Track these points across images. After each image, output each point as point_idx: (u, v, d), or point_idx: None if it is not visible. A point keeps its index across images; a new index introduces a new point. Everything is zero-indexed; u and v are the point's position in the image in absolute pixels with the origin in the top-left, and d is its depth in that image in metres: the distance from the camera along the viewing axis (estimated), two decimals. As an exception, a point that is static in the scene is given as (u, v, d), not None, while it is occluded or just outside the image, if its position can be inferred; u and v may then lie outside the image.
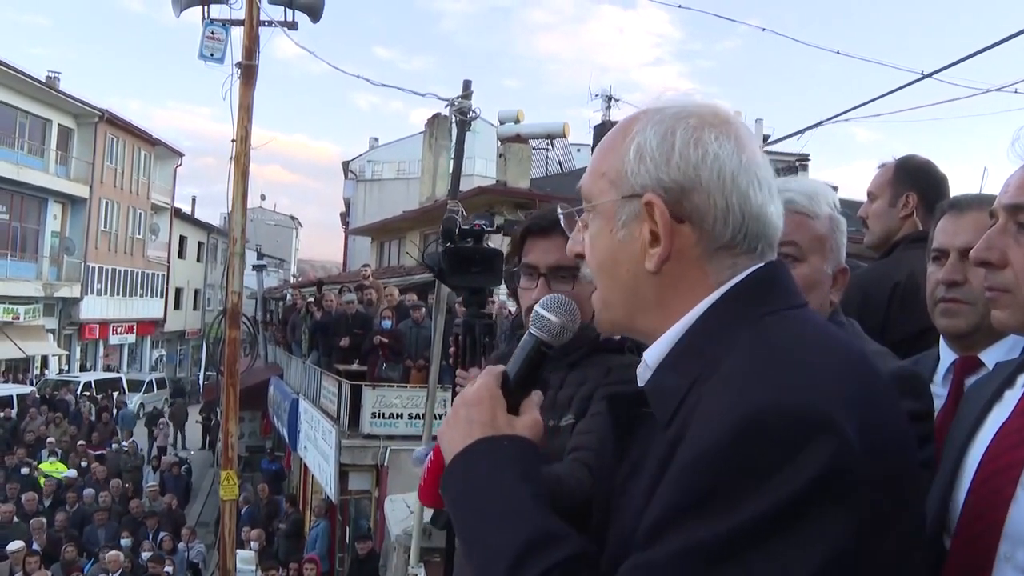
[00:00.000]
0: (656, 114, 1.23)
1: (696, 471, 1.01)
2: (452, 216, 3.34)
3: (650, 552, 1.02)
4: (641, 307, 1.24)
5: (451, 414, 1.32)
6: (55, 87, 37.56)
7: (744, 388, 1.04)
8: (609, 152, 1.26)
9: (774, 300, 1.19)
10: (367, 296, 16.05)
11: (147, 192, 46.78)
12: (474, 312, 3.33)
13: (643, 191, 1.19)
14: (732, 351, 1.10)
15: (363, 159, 49.08)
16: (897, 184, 3.17)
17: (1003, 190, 1.48)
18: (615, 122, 1.34)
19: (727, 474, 0.99)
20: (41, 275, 37.02)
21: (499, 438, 1.25)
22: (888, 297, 2.84)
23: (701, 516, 0.99)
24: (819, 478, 0.97)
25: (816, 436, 0.98)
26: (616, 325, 1.30)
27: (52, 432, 23.40)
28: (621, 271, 1.23)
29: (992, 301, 1.49)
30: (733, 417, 1.00)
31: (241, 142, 10.08)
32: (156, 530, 16.61)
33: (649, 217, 1.19)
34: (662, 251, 1.19)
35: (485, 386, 1.31)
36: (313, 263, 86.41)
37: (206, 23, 10.35)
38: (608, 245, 1.24)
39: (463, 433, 1.27)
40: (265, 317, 32.34)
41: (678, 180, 1.18)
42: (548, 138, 24.22)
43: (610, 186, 1.24)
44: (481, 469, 1.23)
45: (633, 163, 1.21)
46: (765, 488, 0.97)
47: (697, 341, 1.17)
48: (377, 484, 14.86)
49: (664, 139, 1.20)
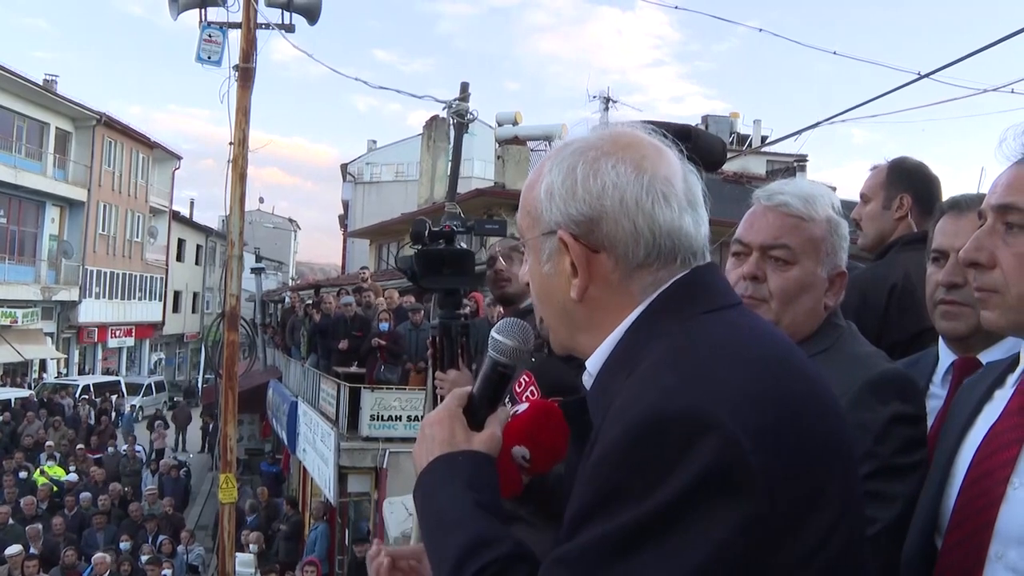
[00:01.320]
0: (560, 153, 1.31)
1: (598, 471, 1.10)
2: (422, 219, 3.36)
3: (565, 546, 1.11)
4: (576, 329, 1.32)
5: (419, 435, 1.41)
6: (53, 90, 37.55)
7: (639, 393, 1.11)
8: (528, 191, 1.34)
9: (693, 305, 1.24)
10: (366, 298, 16.04)
11: (145, 195, 46.76)
12: (449, 313, 3.34)
13: (556, 227, 1.27)
14: (645, 358, 1.18)
15: (361, 161, 49.07)
16: (890, 186, 3.16)
17: (991, 190, 1.48)
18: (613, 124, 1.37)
19: (622, 473, 1.07)
20: (39, 278, 36.99)
21: (455, 454, 1.34)
22: (886, 299, 2.83)
23: (603, 513, 1.07)
24: (705, 475, 1.03)
25: (702, 436, 1.05)
26: (563, 346, 1.38)
27: (51, 436, 23.37)
28: (553, 300, 1.32)
29: (981, 302, 1.49)
30: (626, 420, 1.09)
31: (239, 145, 10.10)
32: (155, 533, 16.59)
33: (566, 251, 1.26)
34: (581, 282, 1.26)
35: (446, 407, 1.41)
36: (312, 266, 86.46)
37: (203, 26, 10.37)
38: (540, 277, 1.33)
39: (427, 451, 1.37)
40: (264, 320, 32.31)
41: (585, 213, 1.25)
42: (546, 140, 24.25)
43: (533, 223, 1.32)
44: (436, 483, 1.32)
45: (545, 202, 1.29)
46: (655, 486, 1.04)
47: (623, 352, 1.25)
48: (376, 486, 14.85)
49: (567, 176, 1.27)
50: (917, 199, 3.10)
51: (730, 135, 31.36)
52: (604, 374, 1.26)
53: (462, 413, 1.40)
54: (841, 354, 1.80)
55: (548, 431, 1.66)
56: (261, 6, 10.31)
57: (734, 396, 1.09)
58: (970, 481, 1.40)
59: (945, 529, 1.44)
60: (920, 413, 1.76)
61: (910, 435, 1.69)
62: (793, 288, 1.87)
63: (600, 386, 1.27)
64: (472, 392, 1.44)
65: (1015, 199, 1.42)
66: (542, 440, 1.67)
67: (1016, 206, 1.42)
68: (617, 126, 1.34)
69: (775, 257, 1.89)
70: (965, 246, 1.49)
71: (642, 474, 1.06)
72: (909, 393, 1.75)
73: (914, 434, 1.70)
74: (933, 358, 2.12)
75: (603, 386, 1.25)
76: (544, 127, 23.56)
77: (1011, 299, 1.43)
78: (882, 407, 1.67)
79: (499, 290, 3.88)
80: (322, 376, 16.83)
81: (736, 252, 1.96)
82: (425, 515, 1.32)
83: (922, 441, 1.71)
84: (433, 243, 3.31)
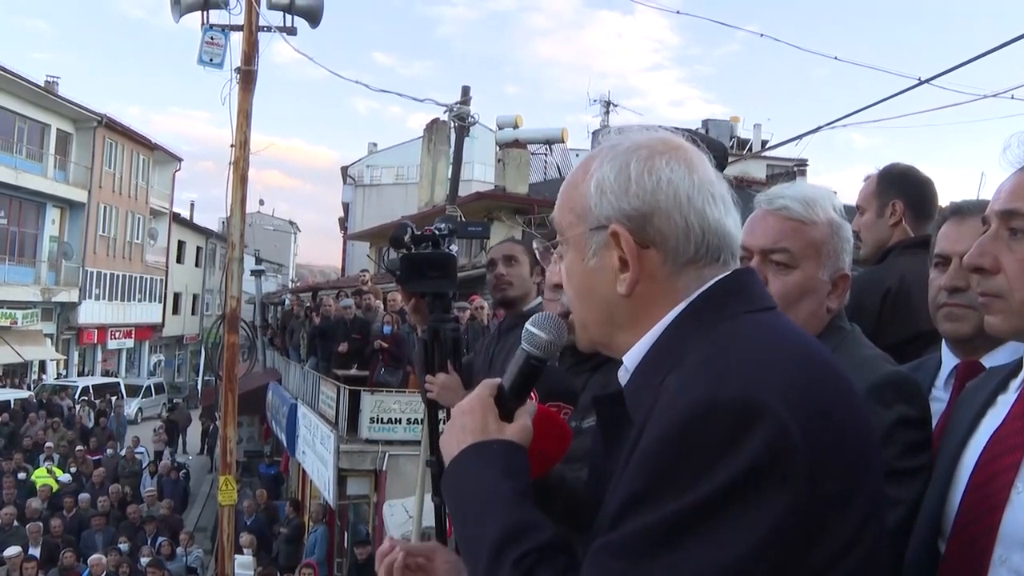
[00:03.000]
0: (611, 151, 1.33)
1: (648, 460, 1.11)
2: (404, 223, 3.36)
3: (611, 535, 1.12)
4: (617, 327, 1.33)
5: (449, 423, 1.42)
6: (54, 92, 37.59)
7: (691, 382, 1.14)
8: (572, 189, 1.36)
9: (735, 305, 1.27)
10: (365, 301, 16.03)
11: (146, 197, 46.79)
12: (439, 316, 3.35)
13: (608, 222, 1.28)
14: (692, 352, 1.20)
15: (362, 164, 49.07)
16: (882, 194, 3.19)
17: (995, 196, 1.49)
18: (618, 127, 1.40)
19: (674, 462, 1.09)
20: (39, 280, 37.00)
21: (488, 442, 1.34)
22: (880, 302, 2.85)
23: (652, 501, 1.09)
24: (756, 462, 1.06)
25: (754, 422, 1.07)
26: (594, 343, 1.40)
27: (50, 437, 23.37)
28: (596, 297, 1.33)
29: (985, 307, 1.50)
30: (679, 409, 1.11)
31: (240, 147, 10.11)
32: (154, 535, 16.58)
33: (616, 245, 1.28)
34: (632, 276, 1.28)
35: (478, 396, 1.41)
36: (312, 268, 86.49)
37: (205, 28, 10.37)
38: (582, 274, 1.34)
39: (457, 439, 1.37)
40: (264, 322, 32.30)
41: (638, 208, 1.27)
42: (547, 143, 24.30)
43: (577, 220, 1.33)
44: (470, 470, 1.33)
45: (595, 197, 1.30)
46: (707, 474, 1.06)
47: (666, 345, 1.26)
48: (376, 489, 14.83)
49: (620, 172, 1.29)
50: (909, 203, 3.12)
51: (730, 139, 31.35)
52: (646, 368, 1.28)
53: (494, 403, 1.41)
54: (845, 356, 1.79)
55: (544, 437, 1.65)
56: (263, 9, 10.32)
57: (784, 386, 1.12)
58: (974, 485, 1.41)
59: (949, 533, 1.44)
60: (925, 416, 1.76)
61: (914, 439, 1.69)
62: (793, 292, 1.88)
63: (641, 380, 1.28)
64: (501, 383, 1.44)
65: (1019, 205, 1.44)
66: (538, 446, 1.68)
67: (1020, 212, 1.43)
68: (656, 130, 1.38)
69: (776, 261, 1.90)
70: (969, 251, 1.50)
71: (694, 461, 1.08)
72: (913, 396, 1.76)
73: (918, 437, 1.70)
74: (936, 362, 2.13)
75: (645, 380, 1.26)
76: (544, 131, 23.60)
77: (1015, 304, 1.44)
78: (886, 410, 1.67)
79: (500, 293, 3.89)
80: (322, 378, 16.82)
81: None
82: (457, 501, 1.34)
83: (926, 444, 1.71)
84: (417, 247, 3.31)
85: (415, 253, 3.29)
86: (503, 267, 3.83)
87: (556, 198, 1.40)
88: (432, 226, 3.37)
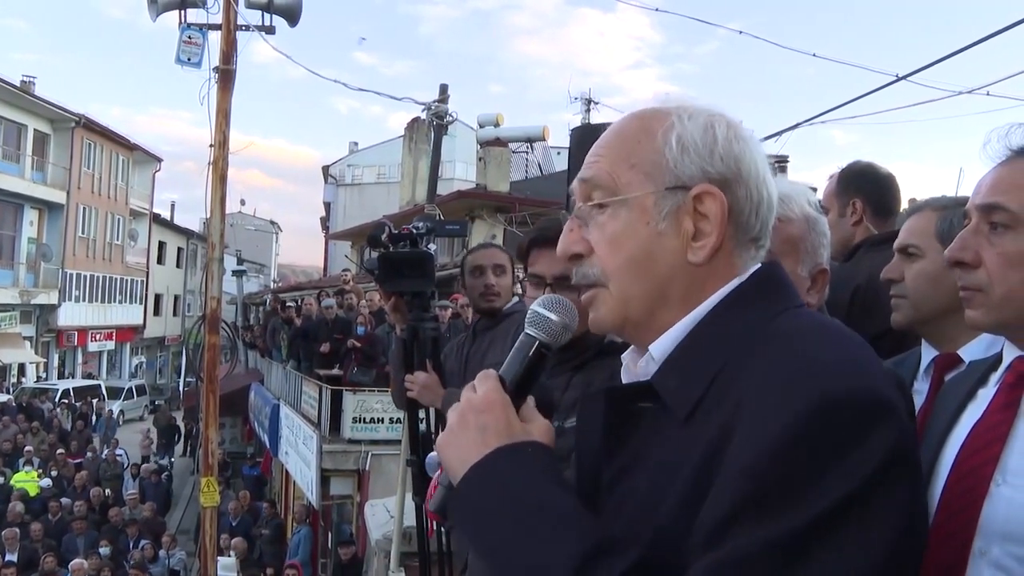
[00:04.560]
0: (688, 110, 1.22)
1: (763, 465, 0.98)
2: (381, 223, 3.35)
3: (720, 553, 0.98)
4: (665, 303, 1.20)
5: (456, 422, 1.21)
6: (30, 92, 37.28)
7: (803, 378, 1.02)
8: (633, 143, 1.21)
9: (787, 297, 1.21)
10: (347, 301, 16.01)
11: (125, 197, 46.50)
12: (418, 315, 3.34)
13: (690, 182, 1.18)
14: (762, 343, 1.10)
15: (343, 163, 49.03)
16: (841, 193, 3.24)
17: (975, 191, 1.51)
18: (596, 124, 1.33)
19: (799, 464, 0.98)
20: (18, 282, 36.70)
21: (521, 445, 1.17)
22: (849, 300, 2.87)
23: (774, 510, 0.97)
24: (886, 460, 0.99)
25: (883, 418, 1.01)
26: (628, 321, 1.23)
27: (30, 441, 23.20)
28: (656, 266, 1.19)
29: (966, 300, 1.51)
30: (799, 407, 0.99)
31: (219, 147, 10.05)
32: (137, 538, 16.49)
33: (693, 210, 1.18)
34: (714, 242, 1.18)
35: (494, 391, 1.22)
36: (294, 268, 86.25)
37: (183, 28, 10.30)
38: (643, 239, 1.19)
39: (476, 442, 1.17)
40: (246, 323, 32.17)
41: (722, 173, 1.18)
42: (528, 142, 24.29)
43: (643, 178, 1.19)
44: (509, 479, 1.13)
45: (676, 154, 1.18)
46: (838, 475, 0.97)
47: (714, 333, 1.16)
48: (359, 489, 14.82)
49: (706, 132, 1.19)
50: (869, 201, 3.17)
51: (712, 136, 31.38)
52: (689, 356, 1.16)
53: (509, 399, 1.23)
54: None
55: None
56: (241, 8, 10.26)
57: (888, 381, 1.08)
58: (954, 479, 1.41)
59: (929, 527, 1.44)
60: (911, 411, 1.77)
61: None
62: None
63: (685, 369, 1.15)
64: (500, 376, 1.26)
65: (999, 199, 1.45)
66: None
67: (1000, 206, 1.44)
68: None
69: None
70: (951, 245, 1.52)
71: (823, 461, 0.98)
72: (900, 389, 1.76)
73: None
74: (917, 357, 2.16)
75: (692, 370, 1.14)
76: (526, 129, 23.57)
77: (995, 298, 1.45)
78: None
79: (487, 303, 3.73)
80: (304, 379, 16.78)
81: None
82: (490, 517, 1.12)
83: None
84: (395, 246, 3.30)
85: (392, 252, 3.28)
86: (493, 276, 3.71)
87: (536, 197, 1.32)
88: (410, 225, 3.35)
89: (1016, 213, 1.42)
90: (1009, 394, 1.45)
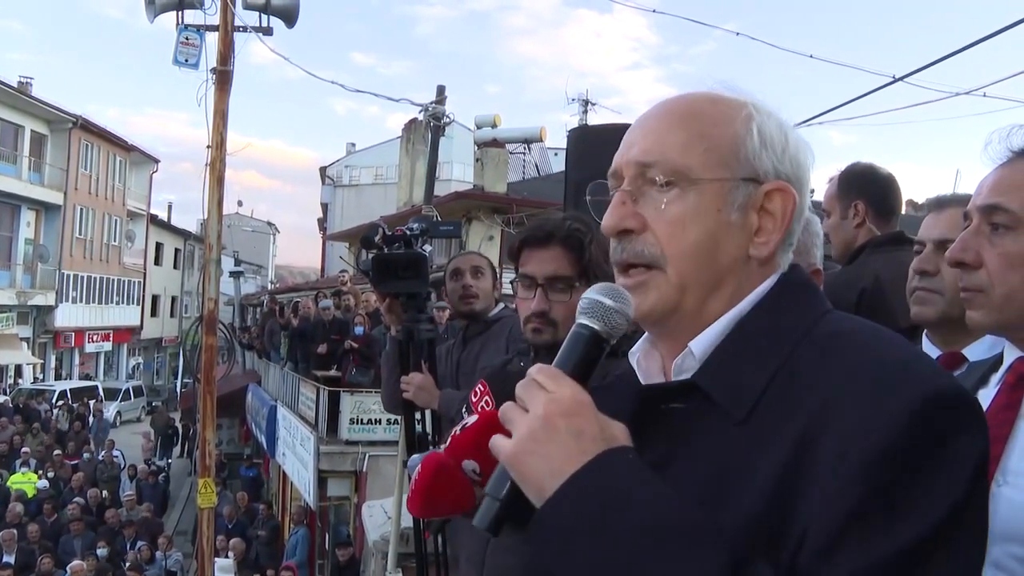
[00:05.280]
0: (758, 103, 1.20)
1: (876, 474, 0.94)
2: (375, 224, 3.35)
3: (850, 566, 0.93)
4: (718, 294, 1.16)
5: (540, 427, 1.03)
6: (27, 92, 37.24)
7: (894, 380, 0.99)
8: (711, 126, 1.16)
9: (822, 298, 1.21)
10: (345, 302, 16.01)
11: (123, 198, 46.48)
12: (413, 316, 3.33)
13: (763, 178, 1.16)
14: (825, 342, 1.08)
15: (340, 164, 49.02)
16: (843, 196, 3.24)
17: (976, 192, 1.51)
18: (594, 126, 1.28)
19: (910, 472, 0.94)
20: (15, 283, 36.66)
21: (624, 449, 1.04)
22: (855, 302, 2.87)
23: (896, 520, 0.93)
24: (980, 461, 0.98)
25: (975, 417, 0.99)
26: (678, 310, 1.16)
27: (27, 442, 23.18)
28: (719, 254, 1.15)
29: (967, 301, 1.51)
30: (899, 409, 0.96)
31: (216, 148, 10.03)
32: (134, 539, 16.48)
33: (761, 207, 1.16)
34: (777, 239, 1.16)
35: (579, 390, 1.07)
36: (291, 269, 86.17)
37: (180, 29, 10.29)
38: (712, 226, 1.14)
39: (572, 449, 1.02)
40: (243, 324, 32.16)
41: (789, 173, 1.17)
42: (525, 142, 24.27)
43: (720, 163, 1.15)
44: (623, 489, 0.99)
45: (756, 146, 1.15)
46: (946, 478, 0.95)
47: (763, 330, 1.13)
48: (356, 490, 14.82)
49: (779, 128, 1.18)
50: (870, 202, 3.17)
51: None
52: (738, 353, 1.12)
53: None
54: None
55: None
56: (239, 9, 10.26)
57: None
58: (955, 481, 1.41)
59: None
60: None
61: None
62: None
63: (738, 367, 1.11)
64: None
65: (1000, 200, 1.45)
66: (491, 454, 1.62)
67: (1001, 207, 1.45)
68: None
69: None
70: (952, 246, 1.52)
71: (930, 469, 0.94)
72: None
73: None
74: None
75: (745, 367, 1.10)
76: (523, 130, 23.56)
77: (996, 299, 1.45)
78: None
79: (466, 306, 3.81)
80: (301, 380, 16.78)
81: None
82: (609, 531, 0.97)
83: None
84: (389, 247, 3.30)
85: (386, 254, 3.28)
86: (471, 278, 3.79)
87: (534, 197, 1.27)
88: (405, 226, 3.35)
89: (1017, 214, 1.43)
90: (1010, 395, 1.45)
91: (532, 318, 2.45)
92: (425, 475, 1.52)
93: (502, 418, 1.09)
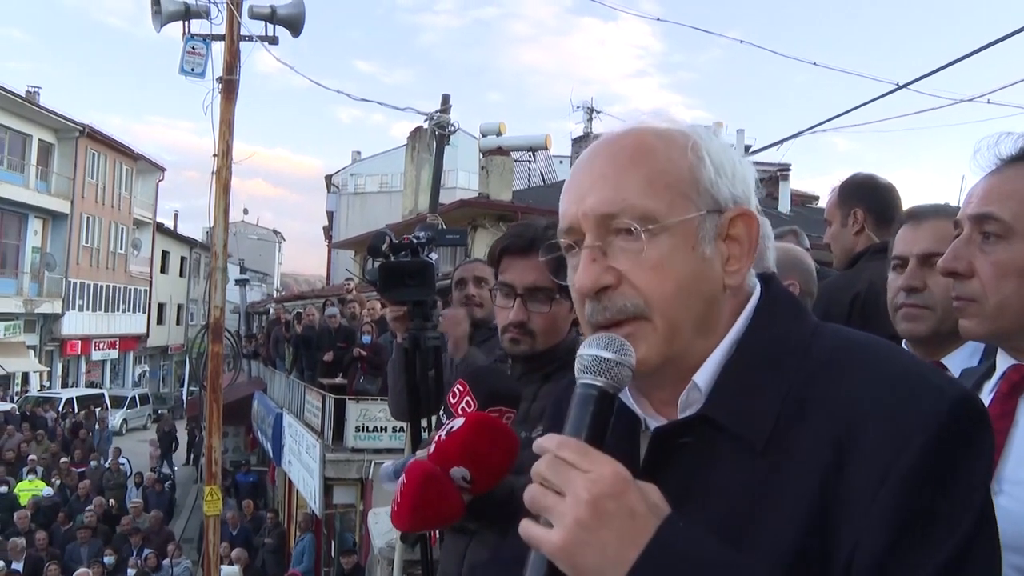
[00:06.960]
0: (704, 130, 1.18)
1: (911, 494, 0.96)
2: (381, 232, 3.36)
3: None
4: (703, 331, 1.14)
5: (590, 515, 0.95)
6: (35, 102, 37.37)
7: (911, 397, 1.00)
8: (666, 161, 1.12)
9: (803, 308, 1.20)
10: (350, 309, 16.02)
11: (129, 207, 46.57)
12: (419, 325, 3.35)
13: (724, 205, 1.14)
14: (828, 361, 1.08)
15: (346, 172, 49.01)
16: (843, 204, 3.29)
17: (967, 201, 1.51)
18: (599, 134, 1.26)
19: (940, 488, 0.97)
20: (22, 291, 36.74)
21: (672, 517, 0.99)
22: (848, 307, 2.90)
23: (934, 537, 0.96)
24: (991, 463, 1.02)
25: (985, 423, 1.02)
26: (673, 354, 1.13)
27: (34, 449, 23.20)
28: (703, 292, 1.12)
29: (959, 310, 1.51)
30: (927, 428, 0.97)
31: (222, 156, 10.08)
32: (140, 547, 16.49)
33: (726, 235, 1.14)
34: (747, 264, 1.16)
35: (617, 465, 0.99)
36: (297, 277, 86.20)
37: (187, 38, 10.33)
38: (690, 265, 1.11)
39: (630, 530, 0.96)
40: (248, 331, 32.18)
41: (743, 195, 1.16)
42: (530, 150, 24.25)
43: (684, 199, 1.11)
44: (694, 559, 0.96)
45: (712, 174, 1.13)
46: (970, 489, 0.98)
47: (760, 355, 1.12)
48: (362, 498, 14.81)
49: (725, 152, 1.16)
50: (869, 210, 3.21)
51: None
52: (744, 380, 1.11)
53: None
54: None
55: (489, 448, 1.52)
56: (244, 18, 10.29)
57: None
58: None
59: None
60: None
61: None
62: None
63: (748, 395, 1.09)
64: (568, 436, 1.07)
65: (991, 209, 1.45)
66: (484, 459, 1.53)
67: (992, 215, 1.45)
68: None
69: None
70: (943, 256, 1.52)
71: (958, 483, 0.98)
72: None
73: None
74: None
75: (755, 395, 1.09)
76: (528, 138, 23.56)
77: (989, 308, 1.46)
78: None
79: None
80: (307, 388, 16.78)
81: None
82: None
83: None
84: (396, 255, 3.31)
85: (393, 262, 3.28)
86: (474, 287, 3.81)
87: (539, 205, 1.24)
88: (411, 234, 3.37)
89: (1008, 222, 1.43)
90: (1004, 403, 1.45)
91: (510, 328, 2.40)
92: (412, 486, 1.46)
93: (531, 506, 1.01)
